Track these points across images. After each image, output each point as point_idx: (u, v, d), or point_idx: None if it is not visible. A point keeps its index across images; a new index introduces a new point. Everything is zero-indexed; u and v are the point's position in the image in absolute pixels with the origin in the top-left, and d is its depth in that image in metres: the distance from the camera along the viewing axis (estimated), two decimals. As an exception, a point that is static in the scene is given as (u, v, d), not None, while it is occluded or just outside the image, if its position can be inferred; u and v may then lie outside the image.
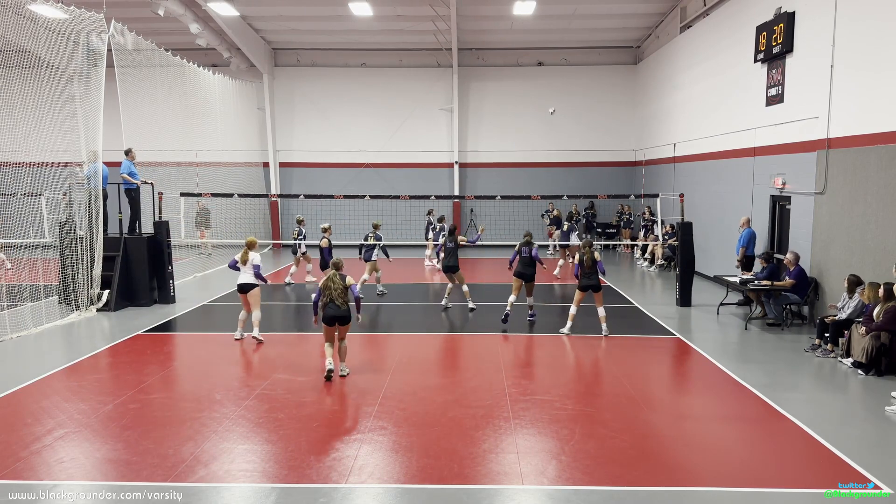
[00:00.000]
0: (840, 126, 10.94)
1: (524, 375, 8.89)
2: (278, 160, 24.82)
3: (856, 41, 10.55)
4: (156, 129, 16.59)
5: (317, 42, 23.75)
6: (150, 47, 15.54)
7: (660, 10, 20.03)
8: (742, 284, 11.91)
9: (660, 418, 7.37)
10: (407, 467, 6.10)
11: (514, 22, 20.87)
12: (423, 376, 9.02)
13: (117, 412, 7.46)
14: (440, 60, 24.10)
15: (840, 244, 10.88)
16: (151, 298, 13.60)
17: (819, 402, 7.99)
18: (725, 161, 15.61)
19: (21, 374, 8.79)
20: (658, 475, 5.95)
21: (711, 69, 16.46)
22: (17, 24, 12.09)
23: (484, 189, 23.72)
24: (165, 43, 17.50)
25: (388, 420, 7.22)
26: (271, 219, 24.13)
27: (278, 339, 11.14)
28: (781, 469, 6.06)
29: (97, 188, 13.01)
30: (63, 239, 12.98)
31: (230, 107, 21.75)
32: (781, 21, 12.54)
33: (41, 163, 13.08)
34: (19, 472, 5.95)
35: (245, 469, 6.06)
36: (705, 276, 15.81)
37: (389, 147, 24.57)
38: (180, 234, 18.01)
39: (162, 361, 9.73)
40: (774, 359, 9.69)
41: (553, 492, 5.64)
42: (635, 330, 11.60)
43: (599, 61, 24.27)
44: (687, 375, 9.56)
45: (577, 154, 24.48)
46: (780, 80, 12.79)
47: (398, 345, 10.63)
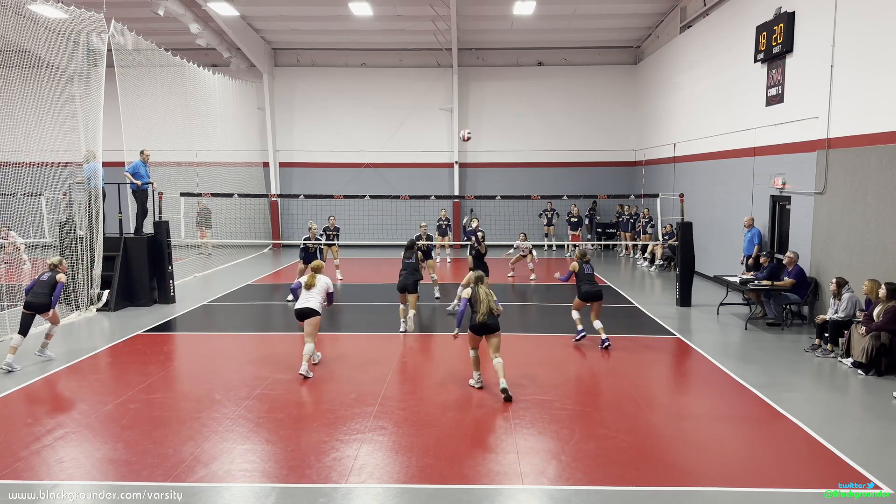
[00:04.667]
0: (840, 126, 10.94)
1: (524, 375, 8.89)
2: (278, 160, 24.82)
3: (856, 41, 10.55)
4: (156, 129, 16.57)
5: (317, 42, 23.74)
6: (150, 47, 15.54)
7: (660, 10, 20.03)
8: (742, 284, 11.92)
9: (660, 418, 7.37)
10: (407, 467, 6.10)
11: (514, 22, 20.87)
12: (424, 376, 9.03)
13: (117, 412, 7.46)
14: (440, 60, 24.10)
15: (840, 244, 10.89)
16: (151, 298, 13.60)
17: (819, 402, 7.99)
18: (725, 161, 15.61)
19: (21, 374, 8.80)
20: (658, 475, 5.95)
21: (711, 69, 16.46)
22: (17, 24, 12.08)
23: (484, 189, 23.71)
24: (165, 43, 17.50)
25: (388, 420, 7.21)
26: (271, 219, 24.13)
27: (278, 339, 11.14)
28: (781, 469, 6.06)
29: (97, 188, 13.02)
30: (63, 239, 12.98)
31: (230, 107, 21.74)
32: (781, 21, 12.54)
33: (41, 163, 13.07)
34: (19, 472, 5.95)
35: (245, 469, 6.06)
36: (705, 276, 15.81)
37: (389, 147, 24.57)
38: (180, 234, 18.01)
39: (162, 361, 9.73)
40: (774, 359, 9.69)
41: (553, 492, 5.64)
42: (635, 330, 11.61)
43: (599, 61, 24.26)
44: (687, 375, 9.56)
45: (577, 154, 24.47)
46: (780, 80, 12.79)
47: (398, 345, 10.63)
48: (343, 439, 6.69)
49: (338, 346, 10.77)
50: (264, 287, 16.14)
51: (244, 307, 13.89)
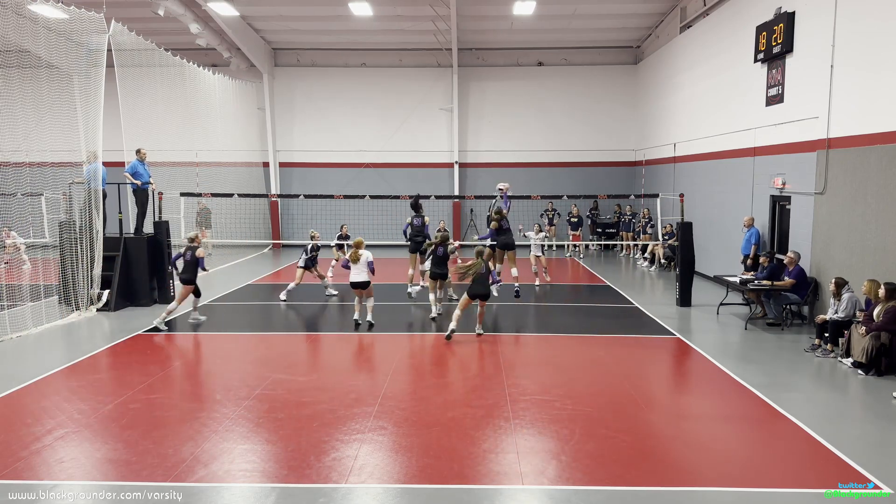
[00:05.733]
0: (840, 126, 10.94)
1: (524, 375, 8.89)
2: (278, 160, 24.82)
3: (855, 41, 10.55)
4: (156, 129, 16.58)
5: (317, 42, 23.74)
6: (150, 47, 15.53)
7: (660, 10, 20.03)
8: (742, 284, 11.92)
9: (660, 418, 7.37)
10: (407, 467, 6.10)
11: (514, 22, 20.87)
12: (423, 376, 9.03)
13: (117, 412, 7.46)
14: (440, 60, 24.10)
15: (840, 244, 10.89)
16: (151, 298, 13.60)
17: (819, 402, 7.99)
18: (725, 161, 15.62)
19: (21, 374, 8.80)
20: (658, 475, 5.95)
21: (711, 69, 16.46)
22: (17, 24, 12.08)
23: (484, 189, 23.68)
24: (165, 43, 17.50)
25: (388, 420, 7.22)
26: (271, 219, 24.13)
27: (278, 339, 11.14)
28: (781, 469, 6.06)
29: (97, 188, 13.02)
30: (63, 239, 12.98)
31: (230, 107, 21.75)
32: (781, 21, 12.54)
33: (41, 163, 13.07)
34: (19, 472, 5.95)
35: (245, 469, 6.06)
36: (705, 276, 15.81)
37: (389, 147, 24.57)
38: (180, 234, 18.00)
39: (162, 361, 9.72)
40: (774, 359, 9.69)
41: (553, 492, 5.64)
42: (635, 330, 11.60)
43: (599, 61, 24.26)
44: (687, 375, 9.56)
45: (577, 154, 24.47)
46: (780, 80, 12.79)
47: (398, 345, 10.63)
48: (343, 439, 6.69)
49: (337, 346, 10.78)
50: (264, 287, 16.14)
51: (244, 307, 13.89)
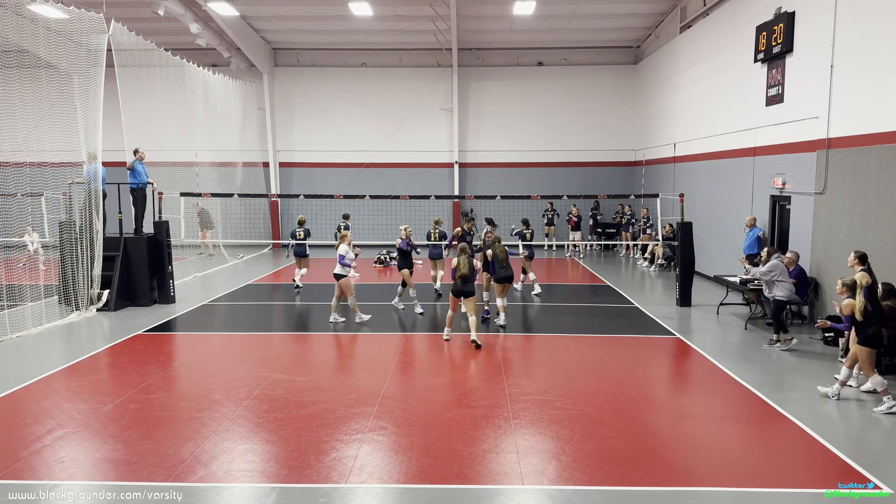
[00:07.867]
0: (840, 126, 10.94)
1: (524, 375, 8.89)
2: (278, 160, 24.82)
3: (856, 41, 10.55)
4: (156, 129, 16.58)
5: (317, 42, 23.74)
6: (150, 47, 15.54)
7: (660, 10, 20.03)
8: (742, 284, 11.91)
9: (660, 418, 7.37)
10: (407, 467, 6.10)
11: (514, 22, 20.87)
12: (423, 376, 9.03)
13: (117, 412, 7.46)
14: (440, 60, 24.10)
15: (840, 244, 10.88)
16: (151, 298, 13.59)
17: (819, 402, 7.98)
18: (725, 161, 15.62)
19: (21, 374, 8.80)
20: (658, 475, 5.95)
21: (711, 69, 16.46)
22: (17, 24, 12.07)
23: (484, 189, 23.72)
24: (165, 43, 17.50)
25: (388, 420, 7.22)
26: (271, 219, 24.13)
27: (278, 339, 11.14)
28: (781, 469, 6.06)
29: (97, 188, 13.01)
30: (63, 239, 12.98)
31: (230, 107, 21.75)
32: (781, 21, 12.54)
33: (41, 163, 13.06)
34: (19, 472, 5.95)
35: (245, 469, 6.06)
36: (705, 276, 15.81)
37: (389, 147, 24.57)
38: (180, 234, 18.01)
39: (162, 361, 9.72)
40: (774, 359, 9.69)
41: (553, 492, 5.64)
42: (635, 330, 11.61)
43: (599, 61, 24.27)
44: (687, 375, 9.56)
45: (577, 154, 24.48)
46: (780, 80, 12.79)
47: (398, 344, 10.63)
48: (343, 439, 6.69)
49: (337, 346, 10.79)
50: (264, 287, 16.14)
51: (244, 307, 13.89)
